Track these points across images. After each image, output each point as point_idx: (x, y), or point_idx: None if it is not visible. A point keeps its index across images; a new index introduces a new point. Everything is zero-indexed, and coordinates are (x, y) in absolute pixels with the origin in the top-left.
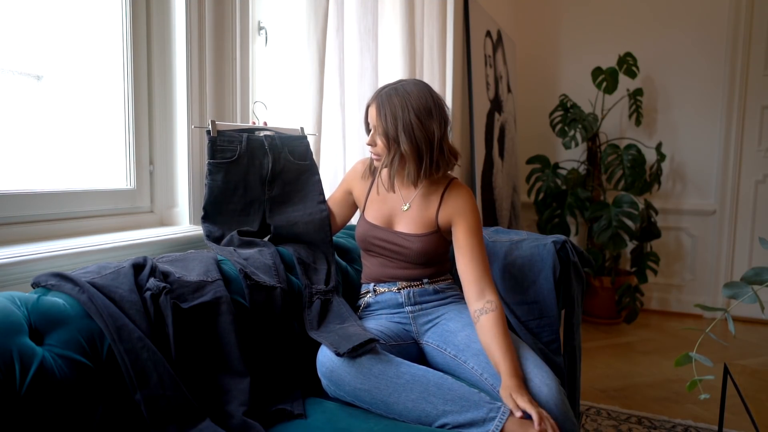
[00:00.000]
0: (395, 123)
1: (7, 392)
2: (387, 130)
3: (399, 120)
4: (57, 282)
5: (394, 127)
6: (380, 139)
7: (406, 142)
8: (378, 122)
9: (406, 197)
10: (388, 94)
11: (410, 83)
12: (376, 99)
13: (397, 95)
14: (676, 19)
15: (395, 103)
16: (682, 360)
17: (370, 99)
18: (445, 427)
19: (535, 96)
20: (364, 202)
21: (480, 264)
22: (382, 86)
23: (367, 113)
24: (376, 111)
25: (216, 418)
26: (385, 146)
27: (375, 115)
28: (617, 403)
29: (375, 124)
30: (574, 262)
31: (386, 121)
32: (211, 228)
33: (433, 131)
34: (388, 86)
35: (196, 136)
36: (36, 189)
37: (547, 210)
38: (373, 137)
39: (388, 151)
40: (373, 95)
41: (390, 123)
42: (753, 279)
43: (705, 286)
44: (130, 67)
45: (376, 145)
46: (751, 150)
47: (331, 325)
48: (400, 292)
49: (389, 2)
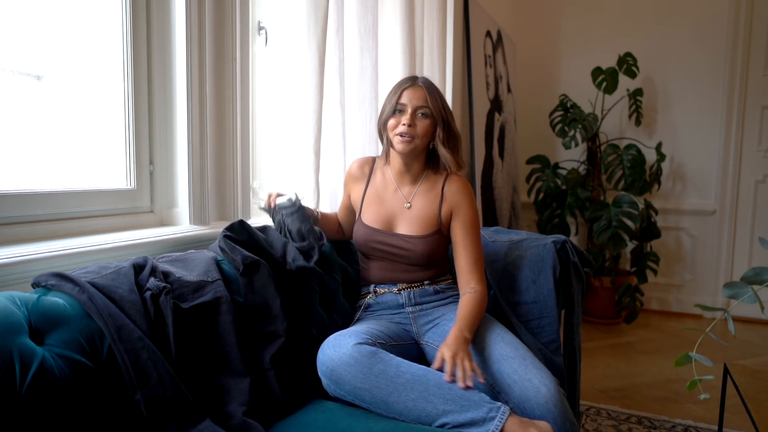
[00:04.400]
0: (443, 107)
1: (7, 392)
2: (439, 111)
3: (444, 106)
4: (57, 282)
5: (443, 111)
6: (423, 122)
7: (443, 127)
8: (429, 103)
9: (407, 195)
10: (430, 81)
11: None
12: (420, 82)
13: (433, 84)
14: (676, 19)
15: (439, 91)
16: (682, 360)
17: (406, 82)
18: (444, 426)
19: (535, 96)
20: (360, 204)
21: (472, 256)
22: (409, 76)
23: (401, 95)
24: (427, 93)
25: (216, 418)
26: (432, 126)
27: (423, 96)
28: (617, 403)
29: (421, 104)
30: (574, 262)
31: (437, 103)
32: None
33: (455, 128)
34: (417, 77)
35: (196, 136)
36: (36, 189)
37: (547, 210)
38: (412, 117)
39: (437, 130)
40: (406, 80)
41: (439, 106)
42: (753, 279)
43: (705, 286)
44: (130, 67)
45: (415, 126)
46: (751, 150)
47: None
48: (401, 293)
49: (389, 2)
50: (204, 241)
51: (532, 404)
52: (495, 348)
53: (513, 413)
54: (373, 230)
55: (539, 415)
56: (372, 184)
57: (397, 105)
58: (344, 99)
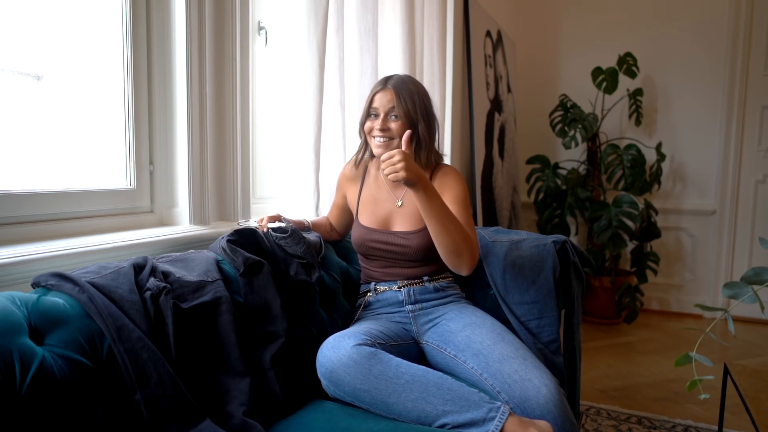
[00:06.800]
0: (414, 106)
1: (7, 392)
2: (408, 111)
3: (417, 104)
4: (57, 282)
5: (414, 110)
6: (396, 123)
7: (424, 125)
8: (398, 104)
9: (398, 194)
10: (401, 81)
11: (408, 77)
12: (389, 84)
13: (406, 83)
14: (676, 18)
15: (411, 90)
16: (682, 360)
17: (378, 86)
18: (444, 427)
19: (535, 96)
20: (357, 206)
21: (463, 219)
22: (384, 77)
23: (372, 100)
24: (395, 94)
25: (216, 418)
26: (404, 128)
27: (391, 98)
28: (617, 403)
29: (389, 108)
30: (574, 262)
31: (407, 103)
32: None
33: (436, 119)
34: (392, 76)
35: (196, 136)
36: (36, 189)
37: (547, 210)
38: (385, 122)
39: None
40: (378, 83)
41: (410, 106)
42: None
43: (705, 286)
44: (130, 67)
45: (389, 129)
46: (751, 150)
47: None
48: (401, 290)
49: (389, 2)
50: (204, 241)
51: (532, 404)
52: (495, 348)
53: (513, 413)
54: (370, 230)
55: (539, 414)
56: (366, 185)
57: (369, 109)
58: (344, 99)
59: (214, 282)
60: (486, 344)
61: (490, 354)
